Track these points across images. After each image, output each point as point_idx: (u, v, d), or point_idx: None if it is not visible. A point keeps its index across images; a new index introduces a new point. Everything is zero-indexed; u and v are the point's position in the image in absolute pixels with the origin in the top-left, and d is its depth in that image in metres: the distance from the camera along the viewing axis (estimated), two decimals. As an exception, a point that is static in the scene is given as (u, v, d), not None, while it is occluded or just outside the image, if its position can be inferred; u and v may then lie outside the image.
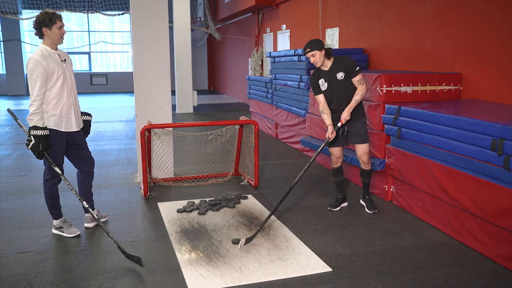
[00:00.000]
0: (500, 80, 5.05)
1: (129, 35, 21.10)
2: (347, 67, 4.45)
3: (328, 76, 4.53)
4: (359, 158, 4.68)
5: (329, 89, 4.54)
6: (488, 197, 3.62)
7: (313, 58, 4.44)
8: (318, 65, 4.50)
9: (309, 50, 4.42)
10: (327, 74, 4.53)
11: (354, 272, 3.45)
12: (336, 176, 4.90)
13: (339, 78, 4.48)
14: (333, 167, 4.88)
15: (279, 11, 12.52)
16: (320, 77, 4.58)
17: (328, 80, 4.53)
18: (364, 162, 4.68)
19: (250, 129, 5.70)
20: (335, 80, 4.49)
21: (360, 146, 4.61)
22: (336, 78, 4.49)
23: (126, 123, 11.37)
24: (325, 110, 4.59)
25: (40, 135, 3.78)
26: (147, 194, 5.27)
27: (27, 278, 3.38)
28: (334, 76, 4.50)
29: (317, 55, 4.42)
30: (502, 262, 3.55)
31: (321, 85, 4.58)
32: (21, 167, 6.80)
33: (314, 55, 4.42)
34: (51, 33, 3.86)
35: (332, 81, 4.51)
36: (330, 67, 4.50)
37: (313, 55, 4.43)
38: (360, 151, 4.63)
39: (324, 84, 4.56)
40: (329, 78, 4.52)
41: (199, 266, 3.55)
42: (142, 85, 5.77)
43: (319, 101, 4.62)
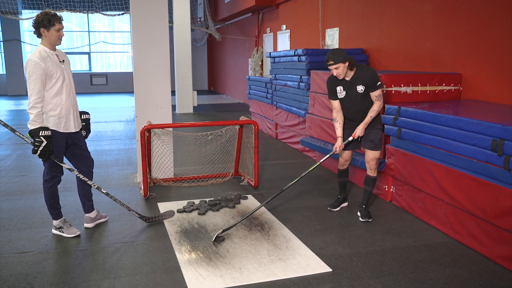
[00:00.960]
0: (500, 80, 5.05)
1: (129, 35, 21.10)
2: (368, 80, 4.26)
3: (348, 86, 4.36)
4: (367, 162, 4.53)
5: (347, 99, 4.39)
6: (488, 197, 3.62)
7: (337, 71, 4.23)
8: (341, 77, 4.29)
9: (333, 63, 4.20)
10: (347, 84, 4.36)
11: (354, 273, 3.45)
12: (341, 177, 4.83)
13: (359, 91, 4.31)
14: (340, 169, 4.79)
15: (279, 11, 12.52)
16: (338, 84, 4.41)
17: (347, 90, 4.36)
18: (371, 168, 4.52)
19: (250, 129, 5.70)
20: (354, 92, 4.33)
21: (370, 153, 4.47)
22: (356, 90, 4.32)
23: (126, 123, 11.37)
24: (338, 119, 4.47)
25: (49, 135, 3.78)
26: (147, 194, 5.26)
27: (27, 278, 3.38)
28: (354, 88, 4.32)
29: (340, 68, 4.21)
30: (502, 262, 3.55)
31: (338, 92, 4.42)
32: (21, 167, 6.80)
33: (338, 68, 4.21)
34: (48, 35, 3.85)
35: (351, 92, 4.35)
36: (352, 77, 4.31)
37: (337, 68, 4.21)
38: (369, 156, 4.48)
39: (342, 92, 4.40)
40: (349, 88, 4.35)
41: (199, 266, 3.55)
42: (142, 85, 5.77)
43: (334, 106, 4.51)
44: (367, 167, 4.57)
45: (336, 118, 4.49)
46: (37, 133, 3.73)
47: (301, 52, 7.43)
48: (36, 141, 3.74)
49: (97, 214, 4.44)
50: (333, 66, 4.20)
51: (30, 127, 3.76)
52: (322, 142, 6.50)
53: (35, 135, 3.73)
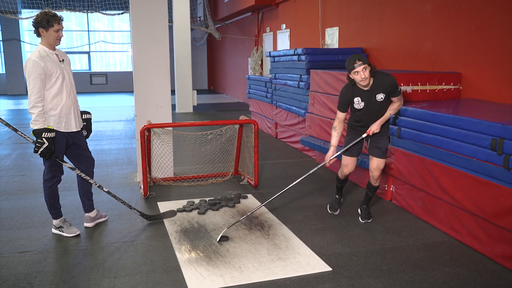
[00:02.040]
0: (500, 79, 5.06)
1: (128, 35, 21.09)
2: (389, 88, 4.04)
3: (367, 96, 4.10)
4: (371, 171, 4.35)
5: (365, 109, 4.16)
6: (488, 196, 3.62)
7: (365, 73, 3.90)
8: (366, 83, 3.97)
9: (362, 63, 3.88)
10: (366, 94, 4.10)
11: (354, 272, 3.45)
12: (341, 183, 4.66)
13: (379, 100, 4.10)
14: (341, 178, 4.58)
15: (279, 10, 12.52)
16: (355, 95, 4.13)
17: (366, 100, 4.11)
18: (374, 178, 4.35)
19: (250, 128, 5.70)
20: (374, 101, 4.11)
21: (376, 160, 4.29)
22: (376, 100, 4.10)
23: (126, 123, 11.36)
24: (338, 128, 4.26)
25: (52, 137, 3.78)
26: (147, 193, 5.27)
27: (27, 277, 3.38)
28: (373, 97, 4.09)
29: (368, 70, 3.92)
30: (501, 261, 3.55)
31: (356, 104, 4.16)
32: (21, 166, 6.80)
33: (366, 69, 3.91)
34: (47, 35, 3.85)
35: (370, 103, 4.12)
36: (371, 86, 4.06)
37: (365, 69, 3.90)
38: (374, 164, 4.30)
39: (360, 103, 4.14)
40: (368, 98, 4.10)
41: (199, 265, 3.55)
42: (142, 85, 5.77)
43: (338, 116, 4.28)
44: (370, 176, 4.40)
45: (335, 127, 4.28)
46: (41, 134, 3.73)
47: (301, 52, 7.43)
48: (38, 142, 3.74)
49: (97, 214, 4.44)
50: (361, 66, 3.87)
51: (33, 127, 3.76)
52: (322, 141, 6.50)
53: (39, 135, 3.74)
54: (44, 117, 3.79)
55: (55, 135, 3.84)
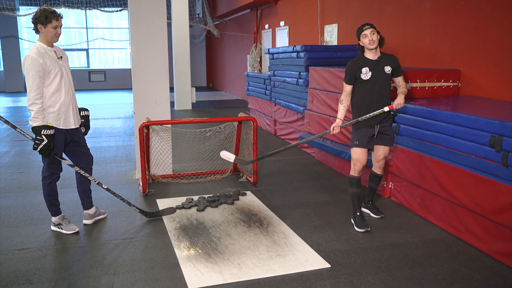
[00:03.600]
0: (499, 76, 5.06)
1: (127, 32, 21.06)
2: (395, 64, 4.20)
3: (375, 66, 4.16)
4: (377, 161, 4.40)
5: (373, 79, 4.16)
6: (487, 193, 3.62)
7: (373, 36, 4.06)
8: (375, 45, 4.08)
9: (368, 27, 4.08)
10: (374, 64, 4.17)
11: (353, 268, 3.46)
12: (357, 187, 4.31)
13: (387, 72, 4.17)
14: (354, 176, 4.29)
15: (278, 7, 12.50)
16: (364, 65, 4.16)
17: (374, 70, 4.15)
18: (380, 167, 4.42)
19: (248, 125, 5.70)
20: (381, 72, 4.16)
21: (384, 149, 4.33)
22: (384, 71, 4.17)
23: (125, 120, 11.35)
24: (345, 102, 4.26)
25: (51, 134, 3.78)
26: (145, 191, 5.27)
27: (26, 274, 3.39)
28: (381, 68, 4.16)
29: (376, 34, 4.09)
30: (500, 258, 3.56)
31: (364, 74, 4.16)
32: (20, 164, 6.79)
33: (374, 33, 4.08)
34: (45, 31, 3.84)
35: (378, 73, 4.16)
36: (378, 57, 4.18)
37: (372, 33, 4.07)
38: (382, 154, 4.35)
39: (367, 73, 4.15)
40: (376, 68, 4.16)
41: (197, 262, 3.56)
42: (140, 82, 5.76)
43: (345, 89, 4.27)
44: (377, 166, 4.44)
45: (342, 101, 4.27)
46: (40, 131, 3.73)
47: (300, 49, 7.42)
48: (37, 139, 3.74)
49: (96, 211, 4.44)
50: (370, 30, 4.06)
51: (33, 124, 3.76)
52: (321, 138, 6.50)
53: (38, 132, 3.74)
54: (43, 114, 3.79)
55: (54, 132, 3.83)
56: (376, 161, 4.44)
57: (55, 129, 3.87)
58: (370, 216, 4.55)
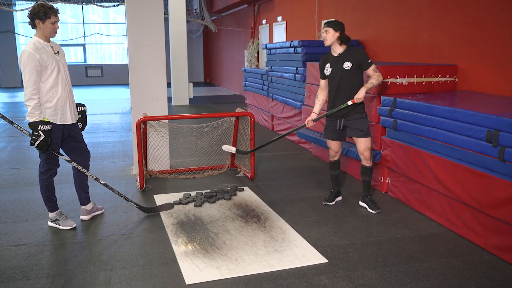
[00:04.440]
0: (496, 71, 5.06)
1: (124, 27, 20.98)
2: (359, 59, 4.35)
3: (335, 62, 4.44)
4: (361, 154, 4.51)
5: (332, 75, 4.46)
6: (483, 188, 3.63)
7: (324, 34, 4.39)
8: (326, 43, 4.42)
9: (325, 26, 4.40)
10: (334, 59, 4.46)
11: (350, 263, 3.47)
12: (333, 170, 4.78)
13: (345, 68, 4.37)
14: (331, 161, 4.76)
15: (275, 2, 12.47)
16: (327, 61, 4.52)
17: (334, 66, 4.44)
18: (366, 158, 4.51)
19: (246, 121, 5.70)
20: (340, 68, 4.40)
21: (361, 141, 4.45)
22: (342, 67, 4.39)
23: (122, 116, 11.33)
24: (320, 97, 4.62)
25: (48, 129, 3.76)
26: (143, 186, 5.26)
27: (23, 270, 3.38)
28: (340, 64, 4.40)
29: (329, 33, 4.36)
30: (496, 252, 3.57)
31: (326, 69, 4.52)
32: (17, 159, 6.78)
33: (327, 32, 4.37)
34: (43, 26, 3.82)
35: (337, 69, 4.42)
36: (339, 54, 4.42)
37: (326, 31, 4.37)
38: (361, 146, 4.47)
39: (328, 69, 4.49)
40: (335, 64, 4.43)
41: (195, 258, 3.56)
42: (137, 77, 5.74)
43: (320, 84, 4.65)
44: (361, 158, 4.56)
45: (318, 95, 4.65)
46: (37, 127, 3.72)
47: (297, 44, 7.41)
48: (35, 135, 3.73)
49: (93, 207, 4.44)
50: (324, 28, 4.39)
51: (29, 119, 3.75)
52: (318, 133, 6.50)
53: (35, 128, 3.72)
54: (40, 110, 3.77)
55: (51, 128, 3.82)
56: (360, 153, 4.56)
57: (52, 124, 3.86)
58: (367, 211, 4.56)
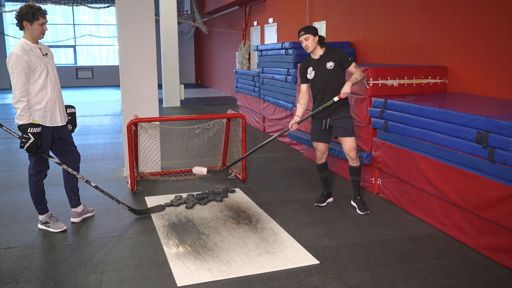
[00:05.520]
0: (485, 73, 5.10)
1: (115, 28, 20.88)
2: (339, 58, 4.40)
3: (317, 65, 4.46)
4: (347, 154, 4.51)
5: (316, 77, 4.47)
6: (473, 189, 3.66)
7: (306, 42, 4.39)
8: (309, 50, 4.43)
9: (303, 33, 4.37)
10: (316, 62, 4.48)
11: (341, 264, 3.48)
12: (321, 172, 4.79)
13: (328, 68, 4.41)
14: (318, 163, 4.76)
15: (266, 4, 12.49)
16: (309, 65, 4.53)
17: (316, 68, 4.46)
18: (352, 158, 4.49)
19: (237, 122, 5.70)
20: (323, 69, 4.43)
21: (346, 141, 4.45)
22: (325, 67, 4.42)
23: (113, 117, 11.28)
24: (301, 100, 4.63)
25: (38, 132, 3.73)
26: (134, 188, 5.24)
27: (12, 273, 3.35)
28: (323, 65, 4.43)
29: (310, 39, 4.37)
30: (486, 253, 3.60)
31: (309, 74, 4.52)
32: (6, 162, 6.72)
33: (308, 39, 4.37)
34: (31, 28, 3.79)
35: (321, 70, 4.44)
36: (320, 56, 4.45)
37: (306, 39, 4.37)
38: (347, 146, 4.47)
39: (311, 72, 4.50)
40: (318, 66, 4.46)
41: (186, 260, 3.55)
42: (128, 79, 5.72)
43: (301, 89, 4.66)
44: (348, 159, 4.55)
45: (300, 100, 4.64)
46: (26, 129, 3.69)
47: (288, 45, 7.43)
48: (24, 137, 3.70)
49: (84, 209, 4.41)
50: (303, 36, 4.37)
51: (19, 122, 3.71)
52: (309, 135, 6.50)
53: (24, 131, 3.69)
54: (29, 112, 3.74)
55: (41, 130, 3.79)
56: (346, 154, 4.55)
57: (41, 126, 3.83)
58: (356, 212, 4.57)
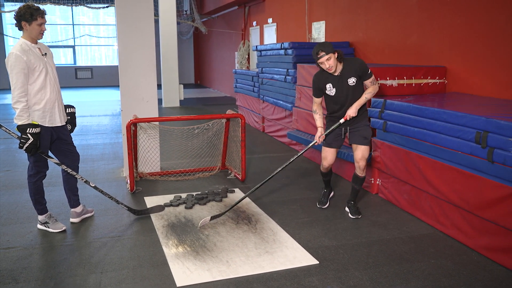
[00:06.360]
0: (484, 73, 5.11)
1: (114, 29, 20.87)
2: (359, 71, 4.13)
3: (337, 82, 4.16)
4: (357, 161, 4.34)
5: (338, 94, 4.20)
6: (472, 189, 3.66)
7: (329, 63, 4.00)
8: (333, 70, 4.07)
9: (324, 54, 3.96)
10: (337, 79, 4.16)
11: (341, 265, 3.48)
12: (326, 177, 4.70)
13: (351, 84, 4.15)
14: (323, 171, 4.62)
15: (266, 4, 12.49)
16: (328, 81, 4.20)
17: (338, 85, 4.17)
18: (360, 168, 4.36)
19: (236, 122, 5.70)
20: (345, 86, 4.15)
21: (360, 149, 4.29)
22: (348, 84, 4.15)
23: (112, 117, 11.27)
24: (318, 111, 4.38)
25: (37, 132, 3.73)
26: (133, 188, 5.24)
27: (12, 274, 3.35)
28: (345, 82, 4.14)
29: (332, 59, 4.00)
30: (485, 253, 3.60)
31: (328, 90, 4.22)
32: (5, 162, 6.71)
33: (329, 59, 3.99)
34: (30, 28, 3.79)
35: (342, 87, 4.16)
36: (341, 71, 4.14)
37: (328, 59, 3.98)
38: (359, 154, 4.30)
39: (332, 89, 4.20)
40: (339, 83, 4.16)
41: (186, 260, 3.55)
42: (127, 79, 5.72)
43: (315, 101, 4.39)
44: (356, 167, 4.42)
45: (316, 111, 4.41)
46: (25, 130, 3.69)
47: (288, 46, 7.43)
48: (23, 138, 3.70)
49: (83, 209, 4.41)
50: (325, 57, 3.97)
51: (18, 122, 3.71)
52: (309, 135, 6.52)
53: (23, 131, 3.69)
54: (28, 112, 3.74)
55: (40, 131, 3.79)
56: (356, 161, 4.40)
57: (40, 127, 3.83)
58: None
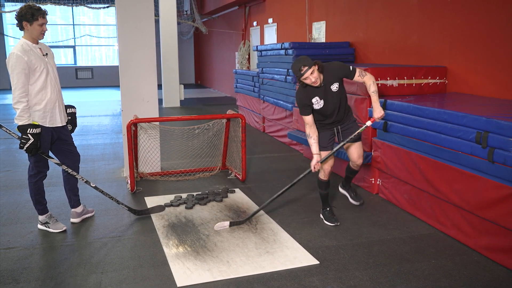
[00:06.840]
0: (485, 73, 5.11)
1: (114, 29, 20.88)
2: (341, 74, 4.04)
3: (324, 92, 4.02)
4: (354, 162, 4.35)
5: (327, 105, 4.06)
6: (473, 189, 3.66)
7: (313, 75, 3.83)
8: (318, 83, 3.89)
9: (307, 68, 3.79)
10: (322, 90, 4.01)
11: (341, 265, 3.48)
12: (326, 189, 4.39)
13: (335, 90, 4.03)
14: (323, 180, 4.34)
15: (266, 4, 12.49)
16: (314, 95, 4.02)
17: (324, 96, 4.02)
18: (358, 165, 4.39)
19: (237, 123, 5.70)
20: (330, 94, 4.03)
21: (355, 146, 4.28)
22: (332, 91, 4.03)
23: (112, 117, 11.28)
24: (312, 134, 4.07)
25: (38, 133, 3.73)
26: (134, 188, 5.24)
27: (12, 274, 3.35)
28: (329, 90, 4.02)
29: (315, 71, 3.84)
30: (486, 253, 3.60)
31: (316, 104, 4.04)
32: (6, 162, 6.72)
33: (314, 72, 3.82)
34: (31, 28, 3.79)
35: (328, 96, 4.03)
36: (323, 81, 3.98)
37: (312, 72, 3.81)
38: (355, 154, 4.30)
39: (319, 102, 4.03)
40: (324, 93, 4.02)
41: (186, 260, 3.55)
42: (128, 79, 5.72)
43: (307, 122, 4.08)
44: (354, 166, 4.43)
45: (310, 134, 4.09)
46: (26, 130, 3.69)
47: (288, 46, 7.42)
48: (24, 138, 3.70)
49: (84, 209, 4.41)
50: (309, 71, 3.81)
51: (18, 123, 3.71)
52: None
53: (24, 131, 3.69)
54: (29, 113, 3.74)
55: (40, 131, 3.79)
56: (353, 161, 4.40)
57: (41, 127, 3.83)
58: (357, 212, 4.55)
